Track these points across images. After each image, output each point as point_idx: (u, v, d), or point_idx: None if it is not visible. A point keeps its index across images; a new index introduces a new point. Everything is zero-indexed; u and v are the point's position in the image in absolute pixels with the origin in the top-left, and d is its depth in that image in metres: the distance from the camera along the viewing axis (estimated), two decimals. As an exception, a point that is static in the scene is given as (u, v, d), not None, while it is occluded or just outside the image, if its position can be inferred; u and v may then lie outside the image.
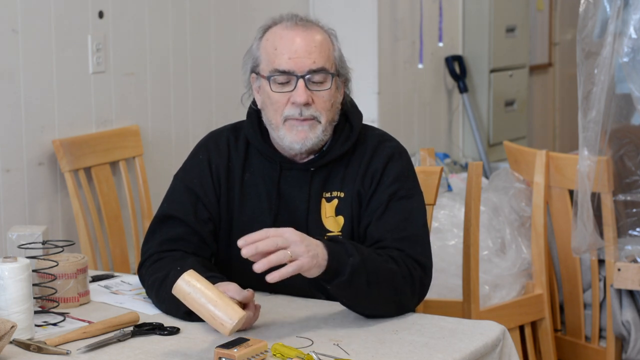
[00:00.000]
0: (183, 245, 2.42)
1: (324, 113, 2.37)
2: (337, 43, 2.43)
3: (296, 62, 2.34)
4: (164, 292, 2.31)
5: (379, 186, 2.40)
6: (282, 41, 2.36)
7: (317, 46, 2.36)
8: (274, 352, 2.02)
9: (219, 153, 2.48)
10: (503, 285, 3.67)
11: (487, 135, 5.54)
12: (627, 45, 3.41)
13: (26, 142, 3.49)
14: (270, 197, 2.44)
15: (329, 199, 2.43)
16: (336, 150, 2.43)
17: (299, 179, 2.43)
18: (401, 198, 2.39)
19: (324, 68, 2.36)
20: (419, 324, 2.24)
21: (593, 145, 3.43)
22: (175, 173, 2.53)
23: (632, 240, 3.55)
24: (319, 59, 2.35)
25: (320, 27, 2.41)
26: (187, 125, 4.12)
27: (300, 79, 2.34)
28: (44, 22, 3.53)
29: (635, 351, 3.50)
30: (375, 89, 4.79)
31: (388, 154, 2.44)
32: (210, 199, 2.45)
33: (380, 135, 2.49)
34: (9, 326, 2.00)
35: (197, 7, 4.15)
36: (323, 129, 2.37)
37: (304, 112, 2.35)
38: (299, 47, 2.35)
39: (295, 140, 2.37)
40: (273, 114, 2.38)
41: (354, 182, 2.42)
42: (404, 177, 2.42)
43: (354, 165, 2.44)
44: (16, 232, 2.47)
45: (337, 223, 2.42)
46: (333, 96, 2.39)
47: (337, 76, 2.41)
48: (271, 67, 2.37)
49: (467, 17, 5.52)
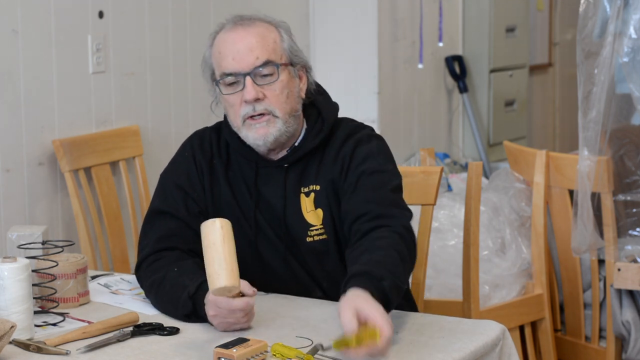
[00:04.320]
0: (178, 241, 2.42)
1: (279, 106, 2.38)
2: (285, 34, 2.43)
3: (239, 62, 2.36)
4: (163, 293, 2.32)
5: (350, 168, 2.41)
6: (225, 44, 2.39)
7: (259, 41, 2.37)
8: (273, 352, 2.02)
9: (202, 151, 2.50)
10: (503, 285, 3.67)
11: (487, 135, 5.54)
12: (627, 45, 3.40)
13: (26, 142, 3.49)
14: (251, 196, 2.45)
15: (307, 193, 2.44)
16: (308, 144, 2.44)
17: (274, 176, 2.45)
18: (371, 173, 2.39)
19: (269, 60, 2.37)
20: (419, 324, 2.24)
21: (593, 145, 3.43)
22: (162, 172, 2.54)
23: (632, 240, 3.55)
24: (262, 54, 2.36)
25: (264, 22, 2.42)
26: (187, 126, 4.12)
27: (246, 76, 2.36)
28: (44, 22, 3.53)
29: (635, 351, 3.50)
30: (375, 89, 4.79)
31: (357, 138, 2.44)
32: (198, 194, 2.47)
33: (354, 127, 2.49)
34: (9, 326, 2.00)
35: (197, 7, 4.15)
36: (283, 121, 2.38)
37: (257, 107, 2.37)
38: (240, 47, 2.37)
39: (257, 137, 2.38)
40: (234, 117, 2.41)
41: (327, 172, 2.43)
42: (373, 155, 2.42)
43: (328, 157, 2.44)
44: (16, 232, 2.47)
45: (318, 216, 2.43)
46: (286, 87, 2.39)
47: (290, 65, 2.41)
48: (220, 72, 2.40)
49: (467, 17, 5.52)
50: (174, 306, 2.26)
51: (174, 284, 2.30)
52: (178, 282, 2.30)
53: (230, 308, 2.15)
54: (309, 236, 2.42)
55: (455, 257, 3.61)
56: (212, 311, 2.19)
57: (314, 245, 2.42)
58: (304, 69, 2.46)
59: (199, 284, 2.25)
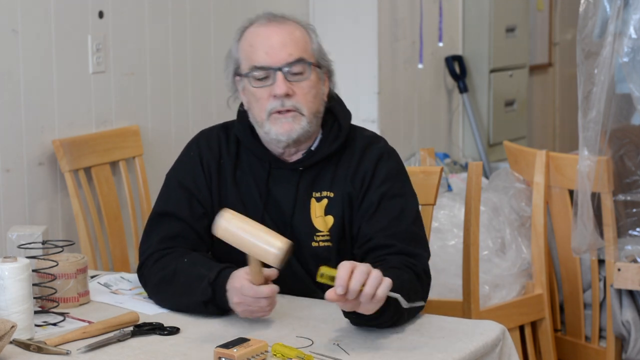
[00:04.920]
0: (181, 242, 2.43)
1: (306, 104, 2.38)
2: (315, 37, 2.45)
3: (272, 56, 2.36)
4: (177, 286, 2.31)
5: (370, 187, 2.42)
6: (257, 38, 2.39)
7: (293, 39, 2.38)
8: (274, 352, 2.02)
9: (210, 150, 2.49)
10: (503, 285, 3.67)
11: (487, 135, 5.54)
12: (627, 45, 3.40)
13: (26, 142, 3.49)
14: (260, 196, 2.45)
15: (319, 198, 2.44)
16: (325, 149, 2.44)
17: (287, 178, 2.44)
18: (392, 197, 2.40)
19: (301, 58, 2.37)
20: (419, 324, 2.24)
21: (593, 145, 3.43)
22: (167, 172, 2.54)
23: (632, 240, 3.55)
24: (295, 51, 2.37)
25: (296, 22, 2.43)
26: (187, 125, 4.12)
27: (278, 71, 2.36)
28: (44, 22, 3.53)
29: (635, 351, 3.50)
30: (375, 89, 4.79)
31: (377, 154, 2.45)
32: (204, 195, 2.46)
33: (369, 137, 2.50)
34: (9, 326, 2.00)
35: (197, 7, 4.15)
36: (308, 120, 2.39)
37: (285, 103, 2.37)
38: (274, 42, 2.37)
39: (281, 132, 2.38)
40: (258, 111, 2.40)
41: (344, 183, 2.43)
42: (393, 176, 2.43)
43: (344, 165, 2.45)
44: (16, 232, 2.47)
45: (326, 223, 2.43)
46: (314, 87, 2.40)
47: (318, 67, 2.42)
48: (249, 65, 2.39)
49: (467, 17, 5.52)
50: (191, 296, 2.26)
51: (189, 275, 2.30)
52: (193, 273, 2.30)
53: (257, 295, 2.16)
54: (315, 241, 2.43)
55: (455, 257, 3.61)
56: (237, 298, 2.20)
57: (318, 250, 2.43)
58: (327, 73, 2.47)
59: (219, 270, 2.25)
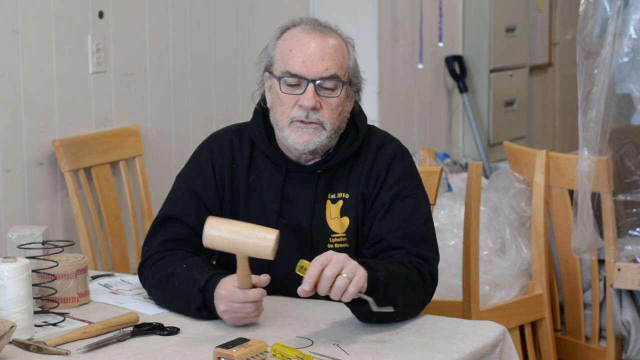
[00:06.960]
0: (184, 246, 2.42)
1: (330, 120, 2.37)
2: (352, 52, 2.43)
3: (309, 67, 2.35)
4: (172, 289, 2.31)
5: (383, 187, 2.42)
6: (297, 44, 2.37)
7: (332, 53, 2.36)
8: (273, 352, 2.02)
9: (222, 155, 2.47)
10: (503, 285, 3.67)
11: (487, 135, 5.54)
12: (627, 45, 3.40)
13: (26, 142, 3.49)
14: (275, 200, 2.44)
15: (334, 200, 2.44)
16: (342, 153, 2.43)
17: (304, 182, 2.44)
18: (404, 198, 2.41)
19: (336, 75, 2.36)
20: (419, 324, 2.24)
21: (593, 145, 3.43)
22: (178, 174, 2.53)
23: (632, 240, 3.55)
24: (331, 66, 2.35)
25: (337, 34, 2.42)
26: (187, 125, 4.12)
27: (310, 83, 2.34)
28: (44, 22, 3.53)
29: (635, 351, 3.50)
30: (375, 89, 4.79)
31: (391, 154, 2.45)
32: (212, 200, 2.45)
33: (383, 137, 2.50)
34: (9, 326, 2.00)
35: (197, 7, 4.15)
36: (328, 135, 2.38)
37: (311, 115, 2.35)
38: (313, 52, 2.35)
39: (299, 142, 2.37)
40: (280, 115, 2.39)
41: (358, 183, 2.43)
42: (406, 177, 2.43)
43: (358, 166, 2.45)
44: (16, 232, 2.47)
45: (342, 224, 2.43)
46: (342, 104, 2.39)
47: (349, 85, 2.41)
48: (284, 68, 2.37)
49: (467, 17, 5.52)
50: (185, 301, 2.26)
51: (184, 279, 2.30)
52: (188, 277, 2.29)
53: (245, 299, 2.16)
54: (330, 242, 2.42)
55: (455, 257, 3.61)
56: (223, 306, 2.19)
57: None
58: (356, 90, 2.46)
59: (209, 276, 2.25)
